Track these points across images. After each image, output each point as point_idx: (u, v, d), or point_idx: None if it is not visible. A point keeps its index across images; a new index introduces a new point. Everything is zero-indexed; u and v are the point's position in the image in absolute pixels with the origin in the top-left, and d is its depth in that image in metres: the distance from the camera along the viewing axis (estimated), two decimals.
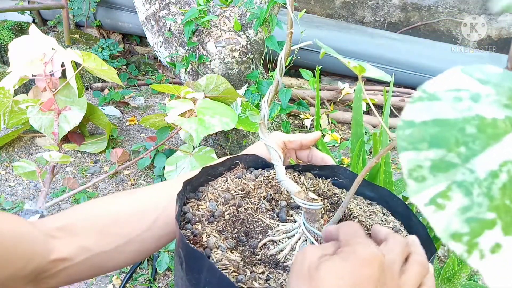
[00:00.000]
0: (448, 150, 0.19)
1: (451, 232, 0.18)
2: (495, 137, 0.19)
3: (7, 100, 1.13)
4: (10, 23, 2.74)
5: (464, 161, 0.19)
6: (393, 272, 0.31)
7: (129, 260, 0.46)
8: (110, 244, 0.43)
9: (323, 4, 3.00)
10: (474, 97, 0.21)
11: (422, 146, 0.19)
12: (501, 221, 0.19)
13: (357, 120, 0.95)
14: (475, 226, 0.18)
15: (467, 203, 0.18)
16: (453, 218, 0.18)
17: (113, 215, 0.45)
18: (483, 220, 0.18)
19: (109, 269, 0.45)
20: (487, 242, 0.18)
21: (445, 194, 0.18)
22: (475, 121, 0.20)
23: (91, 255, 0.42)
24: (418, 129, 0.19)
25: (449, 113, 0.20)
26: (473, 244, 0.18)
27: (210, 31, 1.75)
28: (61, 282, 0.42)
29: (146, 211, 0.45)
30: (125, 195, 0.48)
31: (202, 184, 0.49)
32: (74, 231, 0.42)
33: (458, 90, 0.21)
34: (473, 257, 0.18)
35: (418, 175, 0.18)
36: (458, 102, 0.20)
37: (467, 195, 0.18)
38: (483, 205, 0.18)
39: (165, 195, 0.47)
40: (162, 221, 0.45)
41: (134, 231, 0.44)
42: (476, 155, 0.19)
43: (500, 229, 0.18)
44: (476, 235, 0.18)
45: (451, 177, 0.18)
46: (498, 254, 0.18)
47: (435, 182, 0.18)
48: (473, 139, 0.19)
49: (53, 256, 0.39)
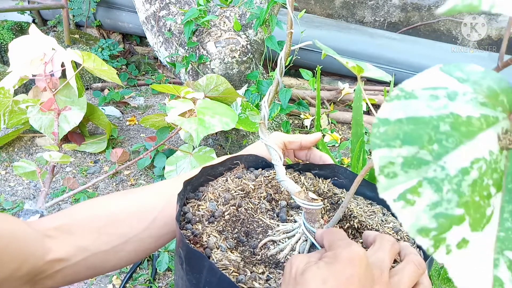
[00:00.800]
0: (420, 147, 0.19)
1: (418, 227, 0.18)
2: (468, 135, 0.19)
3: (7, 100, 1.13)
4: (10, 23, 2.74)
5: (436, 158, 0.19)
6: (382, 269, 0.31)
7: (127, 260, 0.45)
8: (107, 244, 0.43)
9: (323, 4, 3.00)
10: (451, 95, 0.21)
11: (395, 143, 0.19)
12: (469, 217, 0.19)
13: (357, 120, 0.95)
14: (443, 222, 0.18)
15: (437, 199, 0.19)
16: (422, 213, 0.18)
17: (110, 215, 0.44)
18: (451, 216, 0.19)
19: (107, 269, 0.45)
20: (454, 238, 0.19)
21: (415, 190, 0.18)
22: (449, 119, 0.20)
23: (88, 255, 0.42)
24: (393, 126, 0.19)
25: (424, 111, 0.20)
26: (440, 239, 0.18)
27: (210, 31, 1.75)
28: (58, 283, 0.41)
29: (144, 211, 0.45)
30: (123, 195, 0.47)
31: (202, 184, 0.49)
32: (70, 231, 0.42)
33: (435, 89, 0.21)
34: (439, 252, 0.18)
35: (390, 171, 0.19)
36: (434, 100, 0.20)
37: (437, 191, 0.19)
38: (452, 201, 0.19)
39: (163, 195, 0.46)
40: (161, 221, 0.45)
41: (132, 231, 0.44)
42: (448, 153, 0.19)
43: (468, 225, 0.19)
44: (443, 230, 0.18)
45: (422, 173, 0.19)
46: (465, 249, 0.19)
47: (406, 178, 0.19)
48: (446, 136, 0.19)
49: (50, 257, 0.39)
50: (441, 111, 0.20)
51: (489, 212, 0.19)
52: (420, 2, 2.78)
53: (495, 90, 0.21)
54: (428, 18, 2.80)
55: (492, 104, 0.21)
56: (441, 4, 2.72)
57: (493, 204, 0.20)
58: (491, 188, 0.20)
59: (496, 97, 0.21)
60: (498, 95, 0.21)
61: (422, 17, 2.81)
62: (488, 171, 0.19)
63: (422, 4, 2.78)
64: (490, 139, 0.20)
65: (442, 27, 2.80)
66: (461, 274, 0.18)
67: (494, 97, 0.21)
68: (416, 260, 0.34)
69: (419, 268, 0.33)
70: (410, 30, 2.83)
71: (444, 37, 2.79)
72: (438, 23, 2.79)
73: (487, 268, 0.19)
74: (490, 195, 0.19)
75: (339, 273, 0.29)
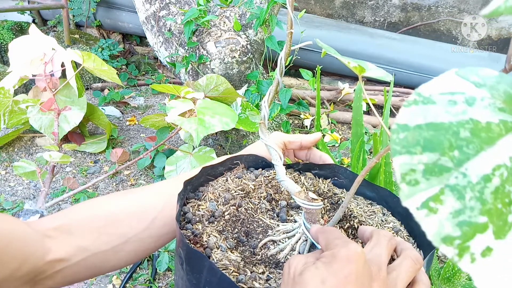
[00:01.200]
0: (441, 154, 0.19)
1: (442, 236, 0.18)
2: (489, 141, 0.19)
3: (7, 100, 1.13)
4: (10, 23, 2.74)
5: (458, 165, 0.19)
6: (380, 265, 0.32)
7: (127, 260, 0.45)
8: (107, 244, 0.43)
9: (323, 4, 3.00)
10: (469, 100, 0.21)
11: (415, 150, 0.19)
12: (493, 225, 0.19)
13: (357, 120, 0.95)
14: (466, 230, 0.18)
15: (460, 207, 0.18)
16: (445, 221, 0.18)
17: (110, 215, 0.44)
18: (475, 224, 0.18)
19: (107, 269, 0.45)
20: (479, 246, 0.18)
21: (438, 198, 0.18)
22: (469, 125, 0.20)
23: (88, 255, 0.42)
24: (412, 133, 0.19)
25: (444, 116, 0.20)
26: (465, 248, 0.18)
27: (210, 31, 1.75)
28: (58, 283, 0.41)
29: (144, 211, 0.45)
30: (122, 194, 0.47)
31: (202, 184, 0.49)
32: (70, 231, 0.41)
33: (453, 94, 0.21)
34: (464, 261, 0.18)
35: (411, 178, 0.18)
36: (453, 106, 0.20)
37: (459, 199, 0.18)
38: (475, 209, 0.18)
39: (163, 195, 0.46)
40: (161, 221, 0.45)
41: (131, 231, 0.44)
42: (469, 159, 0.19)
43: (492, 232, 0.19)
44: (467, 238, 0.18)
45: (444, 181, 0.18)
46: (489, 257, 0.18)
47: (428, 186, 0.18)
48: (466, 143, 0.19)
49: (50, 257, 0.39)
50: (460, 117, 0.20)
51: (511, 219, 0.19)
52: (420, 2, 2.78)
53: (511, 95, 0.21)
54: (428, 18, 2.80)
55: (510, 109, 0.21)
56: (441, 4, 2.72)
57: None
58: None
59: None
60: None
61: (422, 17, 2.81)
62: (510, 178, 0.19)
63: (422, 4, 2.78)
64: (510, 145, 0.20)
65: (442, 27, 2.80)
66: (486, 283, 0.18)
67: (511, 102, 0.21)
68: (413, 255, 0.34)
69: (416, 263, 0.33)
70: (410, 30, 2.83)
71: (444, 37, 2.79)
72: (438, 23, 2.79)
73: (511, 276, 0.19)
74: None
75: (337, 272, 0.29)
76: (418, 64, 2.40)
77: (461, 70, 0.22)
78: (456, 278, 0.87)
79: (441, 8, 2.75)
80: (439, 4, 2.74)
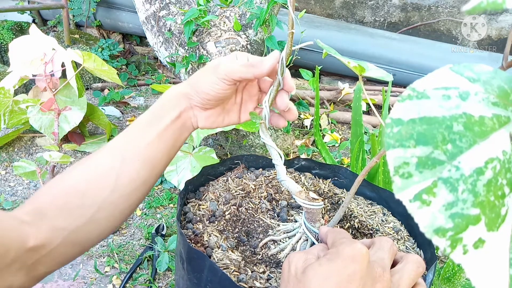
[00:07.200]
0: (434, 147, 0.19)
1: (435, 228, 0.18)
2: (481, 135, 0.20)
3: (7, 100, 1.13)
4: (10, 23, 2.74)
5: (451, 158, 0.19)
6: (383, 267, 0.32)
7: (108, 226, 0.44)
8: (81, 217, 0.42)
9: (323, 4, 3.00)
10: (463, 95, 0.21)
11: (409, 144, 0.19)
12: (485, 217, 0.19)
13: (356, 120, 0.95)
14: (459, 222, 0.18)
15: (452, 199, 0.19)
16: (438, 214, 0.18)
17: (72, 187, 0.43)
18: (467, 216, 0.19)
19: (93, 241, 0.44)
20: (471, 238, 0.19)
21: (431, 191, 0.18)
22: (462, 119, 0.20)
23: (67, 233, 0.41)
24: (406, 127, 0.19)
25: (437, 111, 0.20)
26: (457, 240, 0.18)
27: (210, 31, 1.75)
28: (50, 267, 0.41)
29: (102, 173, 0.43)
30: (79, 164, 0.45)
31: (203, 183, 0.49)
32: (42, 213, 0.41)
33: (447, 89, 0.21)
34: (456, 252, 0.18)
35: (404, 171, 0.19)
36: (447, 100, 0.20)
37: (452, 191, 0.19)
38: (467, 201, 0.19)
39: (117, 152, 0.44)
40: (125, 178, 0.43)
41: (98, 197, 0.42)
42: (462, 152, 0.19)
43: (484, 224, 0.19)
44: (460, 230, 0.18)
45: (437, 173, 0.19)
46: (482, 249, 0.19)
47: (421, 179, 0.19)
48: (460, 136, 0.19)
49: (31, 243, 0.38)
50: (453, 111, 0.20)
51: (504, 212, 0.19)
52: (420, 2, 2.78)
53: (505, 90, 0.21)
54: (428, 18, 2.80)
55: (504, 103, 0.21)
56: (441, 4, 2.72)
57: (507, 204, 0.20)
58: (505, 188, 0.20)
59: (507, 97, 0.21)
60: (509, 95, 0.21)
61: (422, 17, 2.81)
62: (502, 170, 0.19)
63: (422, 4, 2.78)
64: (503, 139, 0.20)
65: (442, 27, 2.80)
66: (478, 274, 0.18)
67: (505, 96, 0.21)
68: (416, 259, 0.34)
69: (419, 267, 0.33)
70: (410, 30, 2.83)
71: (444, 37, 2.79)
72: (438, 23, 2.79)
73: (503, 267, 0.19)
74: (504, 194, 0.19)
75: (341, 269, 0.29)
76: (418, 64, 2.40)
77: (455, 66, 0.22)
78: (456, 278, 0.87)
79: (441, 8, 2.75)
80: (439, 4, 2.74)
